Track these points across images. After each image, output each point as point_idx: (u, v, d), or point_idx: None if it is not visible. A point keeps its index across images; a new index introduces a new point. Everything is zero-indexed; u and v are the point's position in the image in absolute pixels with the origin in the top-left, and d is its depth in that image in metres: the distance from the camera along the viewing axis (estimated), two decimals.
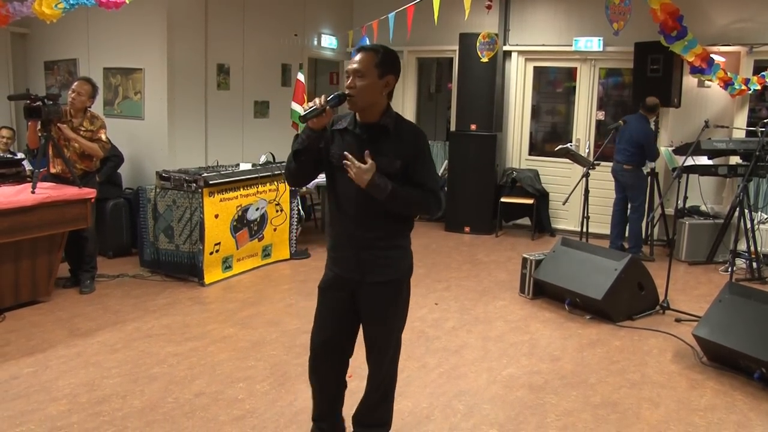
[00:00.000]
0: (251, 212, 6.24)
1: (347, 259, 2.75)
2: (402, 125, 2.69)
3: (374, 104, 2.64)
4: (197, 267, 5.79)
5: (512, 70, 8.90)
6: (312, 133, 2.66)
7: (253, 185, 6.24)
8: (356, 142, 2.67)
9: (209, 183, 5.71)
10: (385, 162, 2.61)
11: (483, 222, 8.48)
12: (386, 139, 2.65)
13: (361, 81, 2.60)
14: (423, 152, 2.68)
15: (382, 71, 2.63)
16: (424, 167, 2.67)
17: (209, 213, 5.74)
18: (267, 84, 8.28)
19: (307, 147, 2.67)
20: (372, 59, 2.62)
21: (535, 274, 5.66)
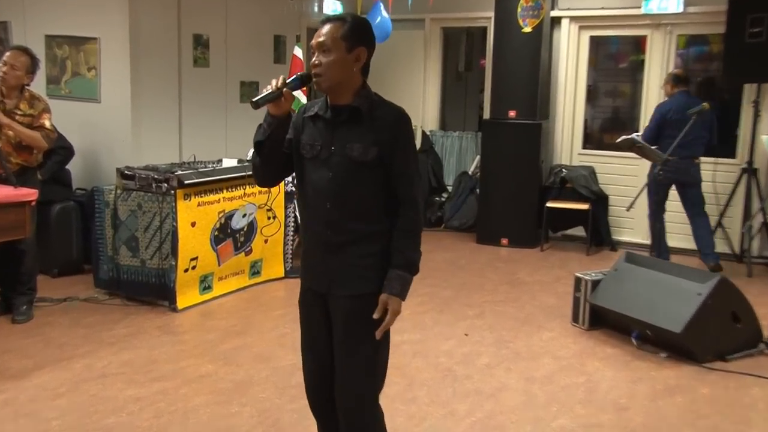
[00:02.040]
0: (237, 219, 6.26)
1: (315, 268, 2.88)
2: (380, 107, 2.78)
3: (345, 83, 2.75)
4: (168, 288, 5.79)
5: (562, 42, 8.88)
6: (273, 121, 2.79)
7: (240, 186, 6.24)
8: (326, 128, 2.79)
9: (184, 183, 5.70)
10: (359, 150, 2.73)
11: (524, 232, 8.49)
12: (360, 123, 2.76)
13: (326, 56, 2.71)
14: (402, 140, 2.77)
15: (351, 43, 2.72)
16: (403, 159, 2.77)
17: (184, 220, 5.73)
18: (256, 60, 8.29)
19: (270, 137, 2.80)
20: (337, 30, 2.72)
21: (591, 299, 5.63)
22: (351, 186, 2.75)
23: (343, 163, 2.74)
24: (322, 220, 2.80)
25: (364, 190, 2.76)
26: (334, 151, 2.75)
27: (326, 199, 2.78)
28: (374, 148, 2.72)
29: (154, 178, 5.73)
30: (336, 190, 2.76)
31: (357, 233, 2.78)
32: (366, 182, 2.75)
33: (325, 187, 2.77)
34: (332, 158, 2.76)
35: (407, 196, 2.78)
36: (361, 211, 2.77)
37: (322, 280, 2.84)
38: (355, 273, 2.79)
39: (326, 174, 2.77)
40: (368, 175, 2.74)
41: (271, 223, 6.61)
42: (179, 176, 5.68)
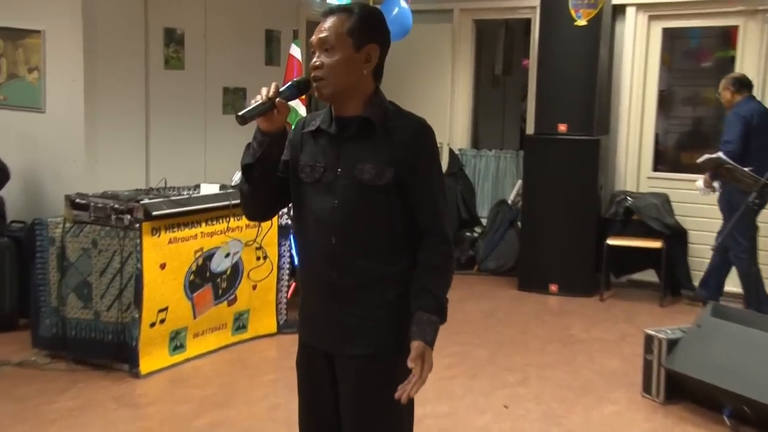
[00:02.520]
0: (218, 260, 6.28)
1: (316, 321, 2.95)
2: (397, 118, 2.85)
3: (352, 89, 2.81)
4: (129, 347, 5.79)
5: (627, 36, 8.90)
6: (265, 139, 2.82)
7: (222, 218, 6.29)
8: (331, 145, 2.85)
9: (152, 214, 5.72)
10: (372, 172, 2.78)
11: (579, 276, 8.50)
12: (372, 138, 2.81)
13: (329, 56, 2.77)
14: (425, 158, 2.84)
15: (360, 40, 2.78)
16: (426, 181, 2.84)
17: (151, 261, 5.74)
18: (243, 61, 8.35)
19: (260, 159, 2.83)
20: (343, 23, 2.78)
21: (667, 363, 5.58)
22: (362, 216, 2.78)
23: (351, 187, 2.77)
24: (326, 260, 2.83)
25: (377, 221, 2.79)
26: (341, 173, 2.78)
27: (331, 232, 2.81)
28: (390, 169, 2.76)
29: (114, 209, 5.72)
30: (343, 222, 2.80)
31: (370, 275, 2.82)
32: (380, 211, 2.79)
33: (329, 217, 2.81)
34: (338, 182, 2.79)
35: (434, 227, 2.82)
36: (375, 248, 2.81)
37: (326, 336, 2.88)
38: (369, 326, 2.83)
39: (331, 202, 2.80)
40: (383, 202, 2.78)
41: (260, 265, 6.60)
42: (146, 206, 5.67)
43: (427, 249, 2.81)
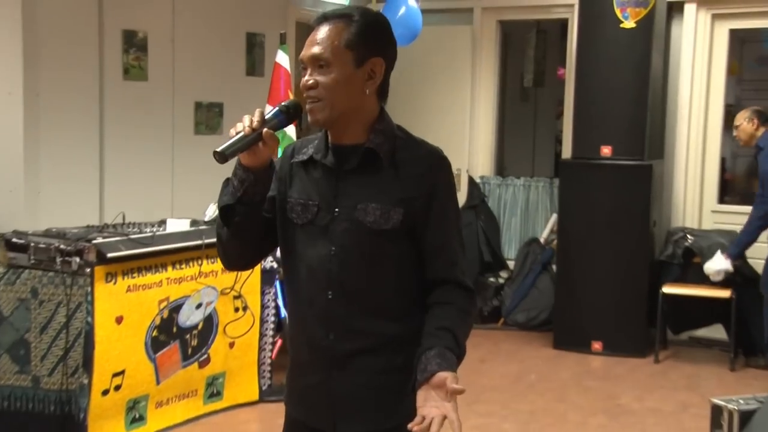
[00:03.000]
0: (187, 313, 6.26)
1: (307, 392, 2.96)
2: (406, 148, 2.88)
3: (353, 113, 2.83)
4: (76, 421, 5.68)
5: (685, 40, 8.94)
6: (247, 176, 2.81)
7: (192, 261, 6.30)
8: (327, 180, 2.87)
9: (107, 257, 5.68)
10: (376, 213, 2.81)
11: (628, 332, 8.51)
12: (377, 172, 2.84)
13: (324, 74, 2.78)
14: (440, 196, 2.87)
15: (361, 53, 2.79)
16: (441, 224, 2.87)
17: (105, 314, 5.69)
18: (219, 71, 8.37)
19: (242, 199, 2.83)
20: (340, 33, 2.78)
21: None
22: (364, 266, 2.81)
23: (352, 231, 2.79)
24: (321, 318, 2.85)
25: (383, 271, 2.81)
26: (339, 214, 2.81)
27: (327, 285, 2.83)
28: (398, 210, 2.79)
29: (60, 250, 5.67)
30: (341, 273, 2.82)
31: (374, 338, 2.84)
32: (386, 260, 2.81)
33: (325, 267, 2.83)
34: (336, 225, 2.81)
35: (449, 277, 2.84)
36: (380, 304, 2.84)
37: (321, 411, 2.89)
38: (373, 398, 2.85)
39: (327, 248, 2.82)
40: (390, 249, 2.81)
41: (239, 318, 6.58)
42: (99, 246, 5.64)
43: (443, 290, 2.82)
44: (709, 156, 8.94)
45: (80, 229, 6.10)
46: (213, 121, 8.19)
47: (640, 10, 8.30)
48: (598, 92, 8.47)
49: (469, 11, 9.70)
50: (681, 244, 8.56)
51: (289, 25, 8.90)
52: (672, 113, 8.94)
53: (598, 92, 8.48)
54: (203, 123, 8.11)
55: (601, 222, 8.42)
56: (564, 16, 9.47)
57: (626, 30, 8.34)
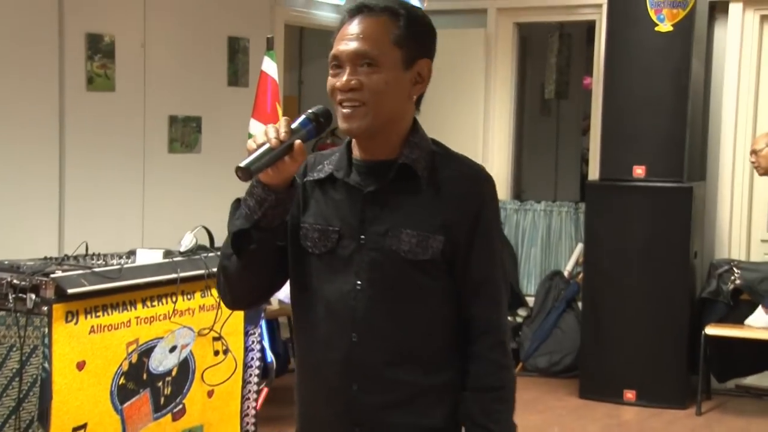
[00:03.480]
0: (160, 357, 6.21)
1: None
2: (446, 163, 2.88)
3: (393, 123, 2.83)
4: None
5: (730, 45, 8.97)
6: (268, 196, 2.75)
7: (166, 298, 6.23)
8: (350, 202, 2.85)
9: (67, 293, 5.62)
10: (413, 241, 2.78)
11: (666, 380, 8.53)
12: (413, 194, 2.83)
13: (371, 75, 2.76)
14: (487, 225, 2.86)
15: (411, 52, 2.81)
16: (486, 255, 2.86)
17: (65, 359, 5.63)
18: (197, 80, 8.42)
19: (259, 224, 2.77)
20: (387, 28, 2.79)
21: None
22: (396, 304, 2.79)
23: (382, 263, 2.77)
24: (343, 366, 2.83)
25: (418, 310, 2.79)
26: (366, 242, 2.78)
27: (351, 326, 2.81)
28: (438, 238, 2.77)
29: (12, 285, 5.54)
30: (369, 312, 2.80)
31: (407, 389, 2.83)
32: (423, 297, 2.79)
33: (348, 305, 2.81)
34: (362, 255, 2.79)
35: (490, 321, 2.83)
36: (414, 348, 2.82)
37: None
38: None
39: (350, 282, 2.80)
40: (427, 283, 2.79)
41: (219, 363, 6.52)
42: (58, 281, 5.56)
43: (479, 360, 2.80)
44: (758, 177, 8.82)
45: (36, 261, 5.99)
46: (190, 138, 8.22)
47: (677, 11, 8.32)
48: (630, 105, 8.50)
49: (482, 12, 9.75)
50: (726, 278, 8.52)
51: (277, 28, 8.95)
52: (715, 128, 8.97)
53: (629, 105, 8.51)
54: (178, 140, 8.15)
55: (634, 253, 8.43)
56: (591, 18, 9.52)
57: (662, 34, 8.38)
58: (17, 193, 7.12)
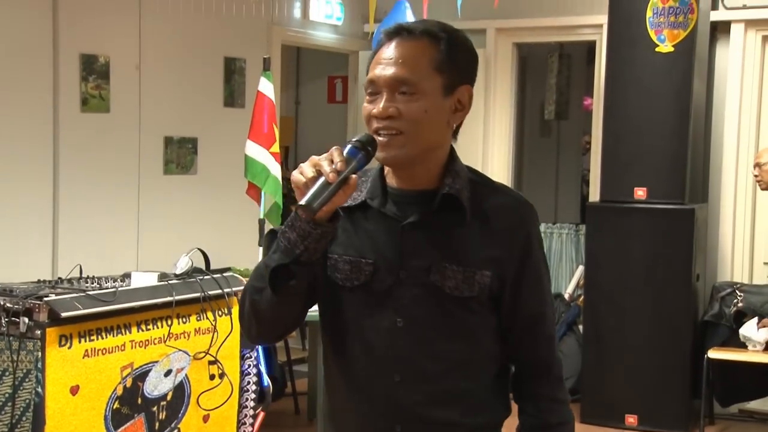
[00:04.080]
0: (155, 381, 6.19)
1: None
2: (488, 193, 2.85)
3: (432, 151, 2.78)
4: None
5: (732, 66, 8.93)
6: (313, 230, 2.64)
7: (161, 321, 6.23)
8: (387, 233, 2.79)
9: (61, 317, 5.57)
10: (458, 277, 2.73)
11: (668, 404, 8.45)
12: (455, 226, 2.78)
13: (409, 102, 2.69)
14: (535, 259, 2.84)
15: (452, 78, 2.75)
16: (535, 290, 2.83)
17: (58, 383, 5.58)
18: (193, 101, 8.44)
19: (300, 258, 2.66)
20: (427, 53, 2.72)
21: None
22: (443, 342, 2.74)
23: (425, 299, 2.71)
24: (384, 408, 2.80)
25: (465, 348, 2.76)
26: (406, 277, 2.72)
27: (391, 367, 2.77)
28: (485, 273, 2.73)
29: (5, 309, 5.59)
30: (412, 352, 2.75)
31: (453, 428, 2.80)
32: (469, 335, 2.76)
33: (389, 344, 2.76)
34: (402, 291, 2.73)
35: (546, 359, 2.83)
36: (462, 388, 2.79)
37: None
38: None
39: (390, 319, 2.75)
40: (473, 321, 2.75)
41: (215, 387, 6.52)
42: (51, 304, 5.54)
43: (539, 398, 2.81)
44: (760, 199, 8.90)
45: (29, 284, 6.01)
46: (185, 159, 8.22)
47: (678, 31, 8.30)
48: (631, 126, 8.48)
49: (481, 32, 9.71)
50: (729, 301, 8.48)
51: (274, 48, 8.97)
52: (717, 150, 8.95)
53: (630, 126, 8.48)
54: (174, 161, 8.15)
55: (636, 275, 8.41)
56: (591, 38, 9.51)
57: (663, 54, 8.35)
58: (10, 216, 7.13)
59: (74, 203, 7.50)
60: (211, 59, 8.54)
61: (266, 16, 8.87)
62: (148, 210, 8.00)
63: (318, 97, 11.78)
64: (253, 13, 8.70)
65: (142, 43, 7.91)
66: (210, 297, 6.43)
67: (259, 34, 8.89)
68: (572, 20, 9.44)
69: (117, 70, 7.74)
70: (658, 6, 8.33)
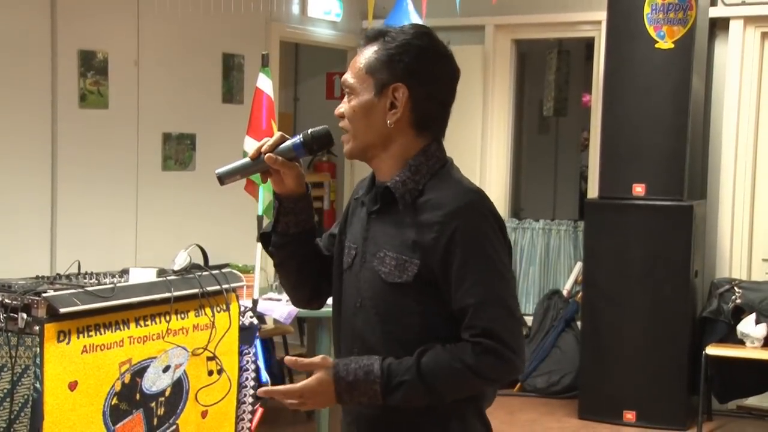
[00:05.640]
0: (153, 377, 6.19)
1: None
2: (436, 188, 2.91)
3: (379, 147, 2.94)
4: None
5: (731, 62, 8.96)
6: (276, 204, 3.04)
7: (159, 317, 6.21)
8: (362, 223, 3.02)
9: (59, 312, 5.55)
10: (392, 263, 2.85)
11: (666, 401, 8.47)
12: (397, 216, 2.91)
13: (349, 102, 2.94)
14: (466, 246, 2.84)
15: (382, 78, 2.88)
16: (469, 280, 2.82)
17: (57, 379, 5.56)
18: (191, 98, 8.45)
19: (276, 229, 3.05)
20: (367, 56, 2.91)
21: None
22: (386, 323, 2.87)
23: (371, 282, 2.89)
24: None
25: (403, 331, 2.84)
26: (365, 261, 2.92)
27: (352, 340, 2.98)
28: (415, 261, 2.82)
29: (3, 305, 5.56)
30: (364, 328, 2.93)
31: (398, 410, 2.84)
32: (408, 319, 2.84)
33: (351, 321, 3.00)
34: (362, 273, 2.93)
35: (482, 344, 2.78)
36: None
37: None
38: None
39: (355, 298, 2.97)
40: (411, 305, 2.84)
41: (213, 383, 6.52)
42: (50, 300, 5.51)
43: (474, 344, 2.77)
44: (759, 196, 8.94)
45: (28, 280, 6.00)
46: (184, 156, 8.22)
47: (678, 28, 8.30)
48: (630, 122, 8.49)
49: (480, 29, 9.74)
50: (727, 298, 8.47)
51: (272, 45, 8.96)
52: (715, 146, 8.96)
53: (629, 122, 8.49)
54: (172, 157, 8.15)
55: (634, 272, 8.42)
56: (590, 35, 9.51)
57: (662, 51, 8.36)
58: (9, 212, 7.13)
59: (72, 199, 7.50)
60: (209, 55, 8.54)
61: (265, 12, 8.86)
62: (147, 206, 7.99)
63: (316, 93, 11.75)
64: (251, 9, 8.68)
65: (141, 39, 7.90)
66: (208, 293, 6.43)
67: (257, 31, 8.89)
68: (571, 17, 9.44)
69: (115, 66, 7.73)
70: (657, 2, 8.34)
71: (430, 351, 2.79)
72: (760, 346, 8.08)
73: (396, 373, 2.76)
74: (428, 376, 2.75)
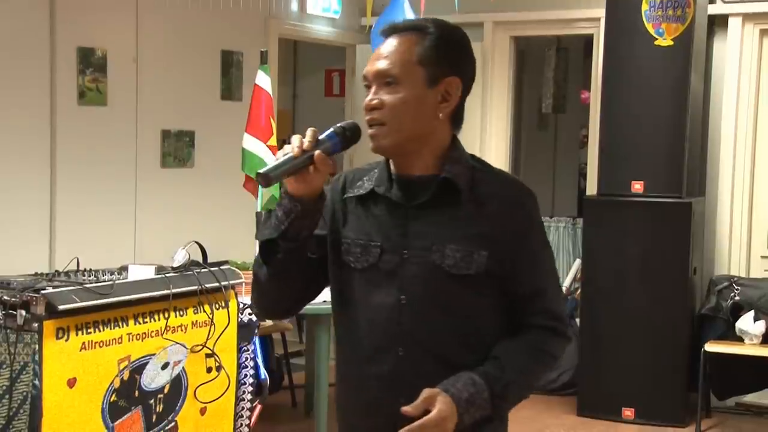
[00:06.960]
0: (152, 374, 6.17)
1: None
2: (487, 179, 2.92)
3: (423, 140, 2.88)
4: None
5: (730, 59, 8.94)
6: (294, 206, 2.82)
7: (158, 314, 6.21)
8: (393, 217, 2.90)
9: (58, 309, 5.58)
10: (457, 256, 2.82)
11: (664, 397, 8.46)
12: (454, 208, 2.86)
13: (391, 93, 2.83)
14: (532, 235, 2.92)
15: (436, 70, 2.84)
16: (535, 268, 2.92)
17: (55, 376, 5.54)
18: (190, 94, 8.45)
19: (286, 234, 2.83)
20: (412, 48, 2.84)
21: None
22: (441, 318, 2.84)
23: (426, 277, 2.82)
24: (388, 380, 2.88)
25: (465, 324, 2.84)
26: (409, 256, 2.84)
27: (396, 341, 2.87)
28: (482, 253, 2.81)
29: (2, 302, 5.53)
30: (414, 326, 2.85)
31: None
32: (468, 311, 2.84)
33: (393, 319, 2.87)
34: (405, 269, 2.84)
35: (550, 314, 2.91)
36: (460, 363, 2.83)
37: None
38: None
39: (394, 296, 2.86)
40: (472, 298, 2.84)
41: (212, 380, 6.49)
42: (49, 297, 5.51)
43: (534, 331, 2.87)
44: (758, 193, 8.94)
45: (27, 277, 5.98)
46: (183, 153, 8.22)
47: (677, 25, 8.29)
48: (628, 119, 8.48)
49: (478, 26, 9.71)
50: (726, 295, 8.50)
51: (271, 42, 8.96)
52: (714, 144, 8.95)
53: (628, 119, 8.49)
54: (171, 154, 8.15)
55: (633, 269, 8.41)
56: (588, 32, 9.50)
57: (661, 48, 8.35)
58: (8, 209, 7.13)
59: (71, 196, 7.50)
60: (208, 52, 8.54)
61: (263, 9, 8.84)
62: (146, 203, 8.00)
63: (315, 90, 11.78)
64: (250, 6, 8.66)
65: (140, 36, 7.91)
66: (207, 290, 6.41)
67: (256, 28, 8.89)
68: (570, 14, 9.44)
69: (114, 64, 7.73)
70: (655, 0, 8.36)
71: (512, 347, 2.85)
72: (759, 343, 8.09)
73: (495, 377, 2.78)
74: (525, 372, 2.85)
